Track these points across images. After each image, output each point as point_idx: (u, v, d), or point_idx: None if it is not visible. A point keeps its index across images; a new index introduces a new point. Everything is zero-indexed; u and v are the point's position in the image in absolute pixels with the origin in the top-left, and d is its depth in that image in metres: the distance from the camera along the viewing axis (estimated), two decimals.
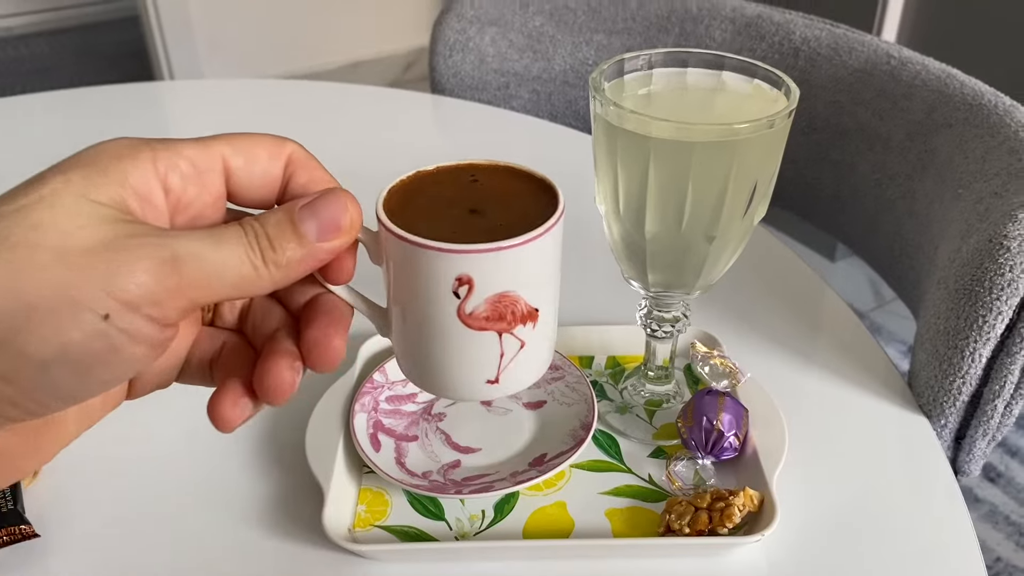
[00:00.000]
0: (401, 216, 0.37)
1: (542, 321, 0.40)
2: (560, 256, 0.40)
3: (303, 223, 0.32)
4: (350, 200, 0.34)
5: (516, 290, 0.38)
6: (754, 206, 0.49)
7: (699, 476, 0.54)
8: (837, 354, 0.66)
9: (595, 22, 1.00)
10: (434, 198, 0.39)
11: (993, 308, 0.55)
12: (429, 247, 0.36)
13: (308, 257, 0.32)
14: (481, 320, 0.38)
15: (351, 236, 0.34)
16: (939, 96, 0.77)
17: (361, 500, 0.54)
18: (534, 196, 0.39)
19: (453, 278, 0.37)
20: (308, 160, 0.36)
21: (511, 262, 0.37)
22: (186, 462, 0.57)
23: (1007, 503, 1.48)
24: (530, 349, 0.40)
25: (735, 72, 0.51)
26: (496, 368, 0.40)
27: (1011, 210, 0.56)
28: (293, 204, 0.33)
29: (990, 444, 0.61)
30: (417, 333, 0.40)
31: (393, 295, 0.40)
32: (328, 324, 0.36)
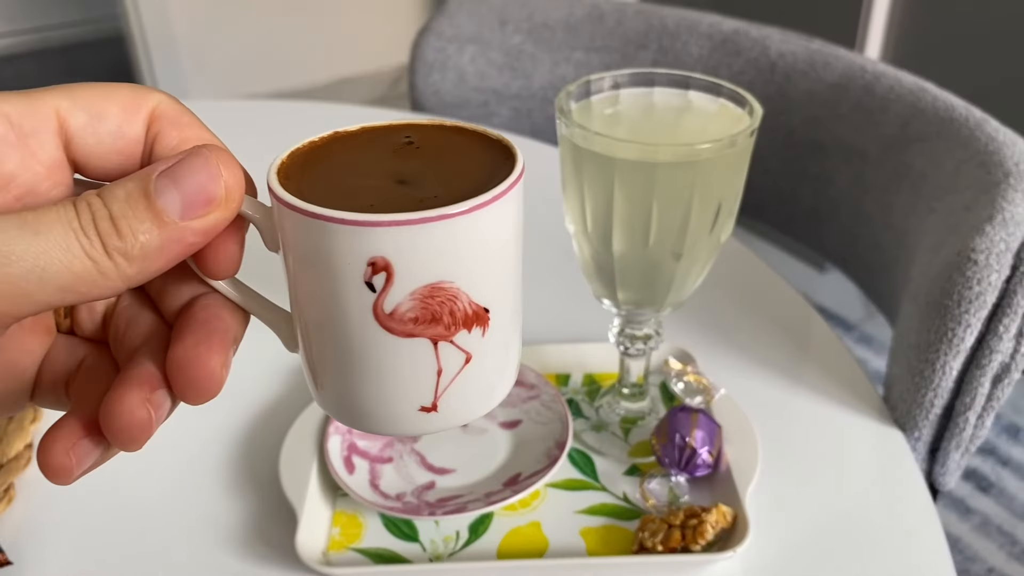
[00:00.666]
0: (302, 184, 0.29)
1: (496, 326, 0.30)
2: (520, 238, 0.31)
3: (161, 195, 0.24)
4: (224, 161, 0.26)
5: (455, 281, 0.28)
6: (720, 224, 0.49)
7: (673, 493, 0.54)
8: (812, 369, 0.66)
9: (574, 40, 1.01)
10: (351, 164, 0.31)
11: (962, 321, 0.55)
12: (329, 219, 0.27)
13: (170, 243, 0.25)
14: (407, 323, 0.29)
15: (229, 211, 0.26)
16: (913, 110, 0.78)
17: (335, 523, 0.53)
18: (485, 161, 0.30)
19: (364, 262, 0.27)
20: (181, 115, 0.28)
21: (445, 240, 0.27)
22: (158, 486, 0.57)
23: (999, 513, 1.49)
24: (480, 364, 0.31)
25: (701, 91, 0.51)
26: (432, 390, 0.30)
27: (979, 224, 0.57)
28: (148, 171, 0.25)
29: (964, 456, 0.61)
30: (323, 342, 0.30)
31: (292, 292, 0.31)
32: (204, 337, 0.27)
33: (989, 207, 0.58)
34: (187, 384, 0.27)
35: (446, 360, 0.30)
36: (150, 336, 0.29)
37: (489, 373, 0.31)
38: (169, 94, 0.28)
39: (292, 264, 0.29)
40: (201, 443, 0.59)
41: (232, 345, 0.28)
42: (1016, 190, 0.59)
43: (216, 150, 0.26)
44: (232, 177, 0.26)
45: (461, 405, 0.31)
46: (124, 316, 0.29)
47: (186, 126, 0.28)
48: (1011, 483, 1.53)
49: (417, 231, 0.27)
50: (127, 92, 0.27)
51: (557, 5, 1.02)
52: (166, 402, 0.27)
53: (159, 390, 0.27)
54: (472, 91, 1.04)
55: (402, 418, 0.31)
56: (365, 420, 0.32)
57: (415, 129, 0.32)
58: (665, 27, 0.97)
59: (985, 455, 1.56)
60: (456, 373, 0.30)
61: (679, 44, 0.97)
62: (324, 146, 0.31)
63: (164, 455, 0.58)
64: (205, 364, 0.27)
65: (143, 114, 0.27)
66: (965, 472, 1.53)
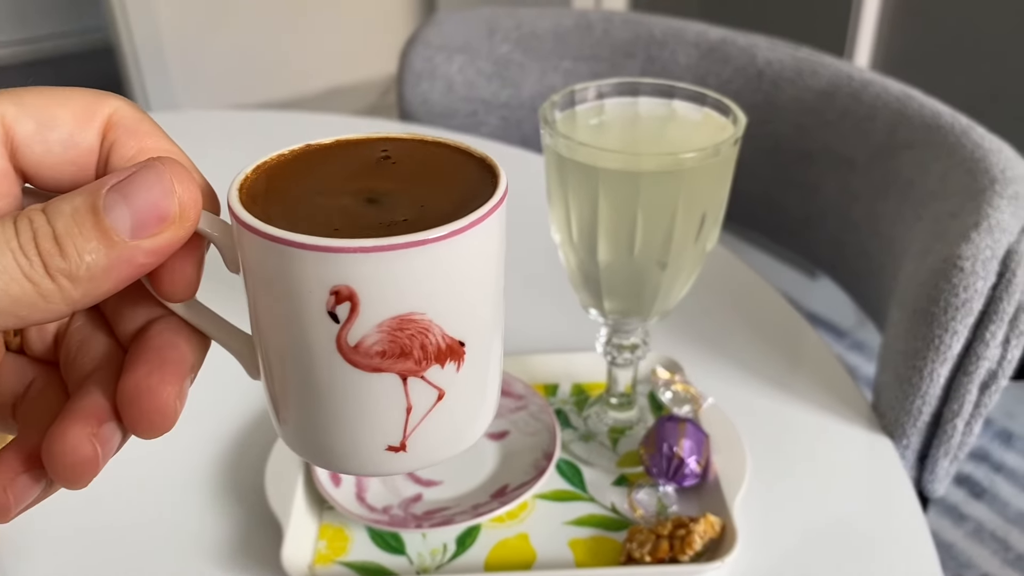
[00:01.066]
0: (266, 203, 0.27)
1: (472, 360, 0.28)
2: (500, 264, 0.29)
3: (111, 212, 0.23)
4: (179, 175, 0.24)
5: (426, 313, 0.26)
6: (705, 233, 0.49)
7: (661, 503, 0.54)
8: (800, 377, 0.66)
9: (562, 49, 1.01)
10: (321, 180, 0.28)
11: (949, 328, 0.55)
12: (289, 243, 0.25)
13: (119, 263, 0.23)
14: (374, 356, 0.27)
15: (183, 229, 0.24)
16: (899, 117, 0.78)
17: (322, 536, 0.53)
18: (465, 180, 0.28)
19: (326, 290, 0.25)
20: (139, 122, 0.26)
21: (415, 268, 0.25)
22: (143, 499, 0.56)
23: (992, 519, 1.48)
24: (454, 401, 0.29)
25: (685, 101, 0.51)
26: (401, 429, 0.28)
27: (965, 231, 0.57)
28: (97, 185, 0.23)
29: (953, 463, 0.61)
30: (284, 374, 0.28)
31: (253, 318, 0.29)
32: (157, 365, 0.25)
33: (975, 214, 0.58)
34: (138, 417, 0.25)
35: (416, 397, 0.28)
36: (102, 361, 0.27)
37: (464, 411, 0.29)
38: (128, 100, 0.26)
39: (252, 289, 0.28)
40: (186, 456, 0.59)
41: (189, 374, 0.27)
42: (1002, 197, 0.59)
43: (171, 163, 0.24)
44: (187, 193, 0.24)
45: (432, 445, 0.29)
46: (76, 338, 0.27)
47: (145, 135, 0.26)
48: (1004, 489, 1.53)
49: (384, 258, 0.25)
50: (81, 98, 0.25)
51: (545, 15, 1.02)
52: (115, 436, 0.25)
53: (107, 423, 0.25)
54: (461, 101, 1.04)
55: (367, 458, 0.29)
56: (328, 458, 0.30)
57: (393, 143, 0.30)
58: (652, 36, 0.98)
59: (978, 461, 1.57)
60: (427, 411, 0.28)
61: (667, 53, 0.97)
62: (293, 160, 0.29)
63: (149, 468, 0.58)
64: (157, 396, 0.25)
65: (98, 122, 0.26)
66: (958, 478, 1.53)
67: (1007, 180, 0.62)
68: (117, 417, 0.25)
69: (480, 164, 0.29)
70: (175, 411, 0.25)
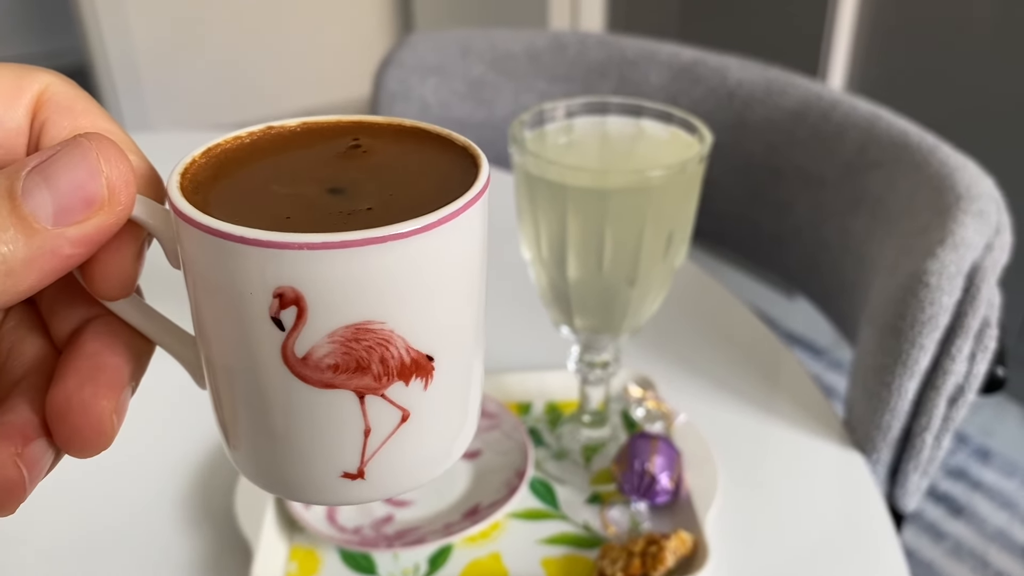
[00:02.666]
0: (210, 191, 0.24)
1: (443, 377, 0.25)
2: (480, 266, 0.25)
3: (30, 196, 0.20)
4: (108, 153, 0.21)
5: (387, 322, 0.23)
6: (673, 250, 0.49)
7: (634, 520, 0.54)
8: (772, 392, 0.66)
9: (536, 69, 1.02)
10: (279, 168, 0.25)
11: (916, 343, 0.55)
12: (226, 236, 0.21)
13: (41, 255, 0.20)
14: (325, 370, 0.23)
15: (114, 215, 0.21)
16: (868, 136, 0.79)
17: (293, 557, 0.53)
18: (442, 170, 0.25)
19: (270, 292, 0.22)
20: (74, 99, 0.23)
21: (372, 269, 0.22)
22: (110, 519, 0.56)
23: (970, 536, 1.49)
24: (420, 424, 0.25)
25: (653, 119, 0.52)
26: (358, 453, 0.25)
27: (931, 247, 0.58)
28: (16, 167, 0.20)
29: (923, 477, 0.61)
30: (229, 389, 0.25)
31: (195, 322, 0.25)
32: (90, 375, 0.23)
33: (940, 230, 0.59)
34: (70, 435, 0.22)
35: (376, 418, 0.24)
36: (33, 367, 0.23)
37: (433, 434, 0.26)
38: (62, 76, 0.23)
39: (192, 289, 0.24)
40: (155, 475, 0.58)
41: (127, 383, 0.24)
42: (967, 213, 0.60)
43: (99, 139, 0.21)
44: (117, 173, 0.21)
45: (395, 472, 0.26)
46: (8, 340, 0.24)
47: (81, 113, 0.23)
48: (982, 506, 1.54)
49: (336, 256, 0.21)
50: (6, 74, 0.22)
51: (519, 36, 1.03)
52: (44, 456, 0.22)
53: (35, 442, 0.22)
54: (435, 121, 1.04)
55: (321, 485, 0.25)
56: (280, 485, 0.26)
57: (366, 128, 0.27)
58: (625, 57, 0.98)
59: (956, 479, 1.57)
60: (389, 434, 0.25)
61: (639, 73, 0.98)
62: (251, 144, 0.26)
63: (117, 488, 0.57)
64: (90, 410, 0.22)
65: (26, 99, 0.23)
66: (936, 496, 1.54)
67: (972, 197, 0.62)
68: (47, 433, 0.22)
69: (462, 153, 0.26)
70: (111, 427, 0.22)
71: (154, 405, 0.50)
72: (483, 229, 0.25)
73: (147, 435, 0.60)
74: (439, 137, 0.27)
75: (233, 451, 0.27)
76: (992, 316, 0.57)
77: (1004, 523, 1.50)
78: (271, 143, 0.26)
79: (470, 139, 0.27)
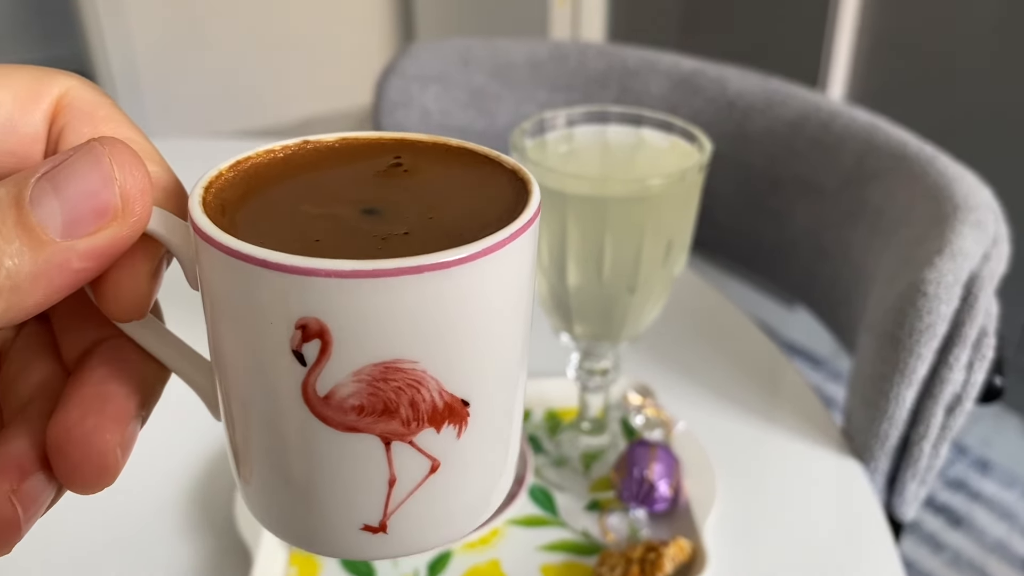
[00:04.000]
0: (236, 208, 0.22)
1: (479, 425, 0.23)
2: (527, 302, 0.23)
3: (39, 205, 0.18)
4: (122, 160, 0.19)
5: (419, 361, 0.21)
6: (672, 258, 0.50)
7: (632, 528, 0.54)
8: (771, 401, 0.66)
9: (536, 79, 1.02)
10: (313, 186, 0.23)
11: (914, 352, 0.56)
12: (247, 258, 0.20)
13: (50, 269, 0.19)
14: (348, 412, 0.21)
15: (127, 226, 0.20)
16: (867, 146, 0.79)
17: (292, 563, 0.53)
18: (489, 195, 0.23)
19: (292, 323, 0.20)
20: (96, 105, 0.22)
21: (407, 303, 0.20)
22: (110, 525, 0.56)
23: (969, 547, 1.49)
24: (451, 475, 0.23)
25: (653, 128, 0.52)
26: (381, 506, 0.23)
27: (929, 256, 0.58)
28: (26, 174, 0.19)
29: (921, 486, 0.61)
30: (245, 425, 0.23)
31: (211, 349, 0.23)
32: (96, 405, 0.21)
33: (938, 240, 0.59)
34: (71, 469, 0.20)
35: (402, 467, 0.22)
36: (40, 390, 0.22)
37: (465, 487, 0.23)
38: (84, 79, 0.22)
39: (209, 314, 0.22)
40: (155, 481, 0.59)
41: (136, 415, 0.22)
42: (964, 223, 0.61)
43: (113, 144, 0.19)
44: (132, 181, 0.19)
45: (421, 528, 0.23)
46: (17, 361, 0.23)
47: (102, 120, 0.22)
48: (981, 518, 1.54)
49: (366, 287, 0.19)
50: (24, 76, 0.21)
51: (520, 45, 1.04)
52: (44, 491, 0.21)
53: (33, 476, 0.20)
54: (436, 129, 1.05)
55: (338, 537, 0.23)
56: (293, 532, 0.24)
57: (408, 147, 0.25)
58: (626, 67, 0.99)
59: (955, 489, 1.57)
60: (416, 485, 0.22)
61: (639, 83, 0.98)
62: (284, 159, 0.24)
63: (117, 494, 0.57)
64: (94, 443, 0.20)
65: (44, 104, 0.21)
66: (936, 507, 1.54)
67: (970, 207, 0.63)
68: (47, 466, 0.20)
69: (511, 176, 0.24)
70: (115, 463, 0.20)
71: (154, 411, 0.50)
72: (532, 261, 0.22)
73: (147, 440, 0.60)
74: (486, 158, 0.25)
75: (245, 491, 0.25)
76: (990, 326, 0.57)
77: (1003, 534, 1.50)
78: (306, 159, 0.25)
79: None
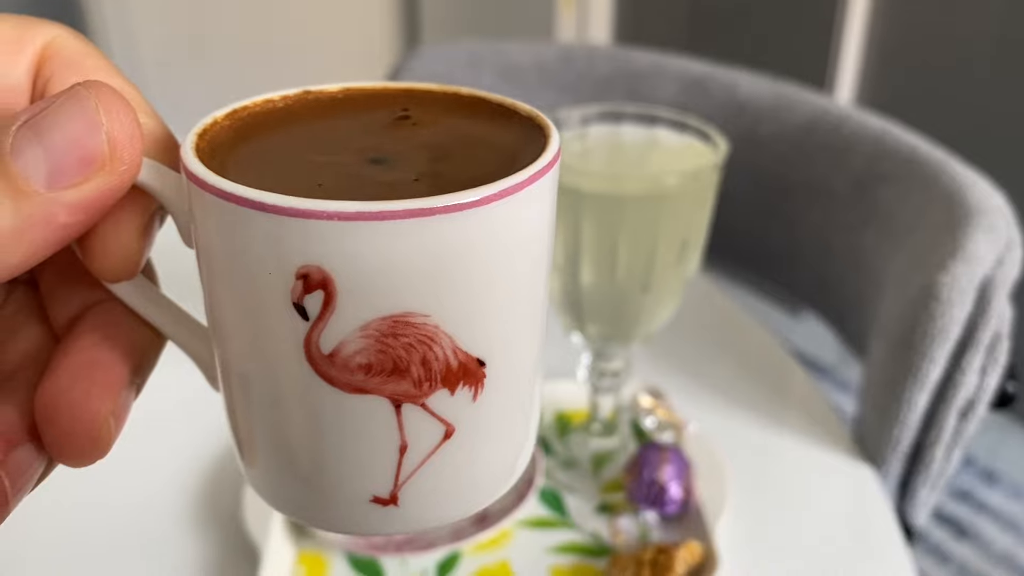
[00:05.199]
0: (230, 154, 0.21)
1: (496, 387, 0.21)
2: (546, 253, 0.22)
3: (21, 154, 0.17)
4: (109, 105, 0.18)
5: (431, 315, 0.19)
6: (686, 258, 0.49)
7: (643, 530, 0.54)
8: (782, 404, 0.66)
9: (544, 81, 1.02)
10: (315, 136, 0.22)
11: (927, 356, 0.55)
12: (242, 200, 0.18)
13: (34, 223, 0.17)
14: (355, 371, 0.19)
15: (116, 174, 0.18)
16: (878, 151, 0.79)
17: (300, 562, 0.52)
18: (504, 142, 0.21)
19: (292, 272, 0.18)
20: (84, 55, 0.20)
21: (419, 249, 0.18)
22: (117, 523, 0.56)
23: (975, 559, 1.48)
24: (466, 442, 0.21)
25: (668, 128, 0.52)
26: (391, 475, 0.21)
27: (942, 260, 0.58)
28: (6, 122, 0.18)
29: (932, 492, 0.61)
30: (244, 391, 0.21)
31: (208, 310, 0.22)
32: (85, 371, 0.20)
33: (951, 244, 0.59)
34: (60, 439, 0.19)
35: (413, 432, 0.20)
36: (28, 358, 0.21)
37: (481, 455, 0.22)
38: (71, 29, 0.21)
39: (205, 270, 0.21)
40: (163, 479, 0.58)
41: (128, 382, 0.20)
42: (977, 227, 0.60)
43: (100, 88, 0.18)
44: (120, 127, 0.18)
45: (434, 500, 0.22)
46: (4, 329, 0.21)
47: (91, 70, 0.20)
48: (987, 528, 1.53)
49: (372, 230, 0.17)
50: (4, 26, 0.20)
51: (527, 48, 1.03)
52: (32, 464, 0.19)
53: (20, 447, 0.19)
54: None
55: (347, 510, 0.22)
56: (299, 507, 0.22)
57: (418, 98, 0.23)
58: (634, 70, 0.99)
59: (961, 500, 1.57)
60: (429, 453, 0.21)
61: (648, 87, 0.98)
62: (284, 108, 0.23)
63: (124, 492, 0.57)
64: (83, 412, 0.19)
65: (28, 54, 0.20)
66: (942, 518, 1.54)
67: (982, 212, 0.62)
68: (36, 437, 0.19)
69: (526, 123, 0.22)
70: (108, 432, 0.19)
71: (161, 406, 0.50)
72: (551, 209, 0.21)
73: (154, 438, 0.60)
74: (500, 107, 0.23)
75: (247, 467, 0.23)
76: (1003, 329, 0.57)
77: (1009, 546, 1.50)
78: (307, 109, 0.23)
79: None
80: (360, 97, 0.23)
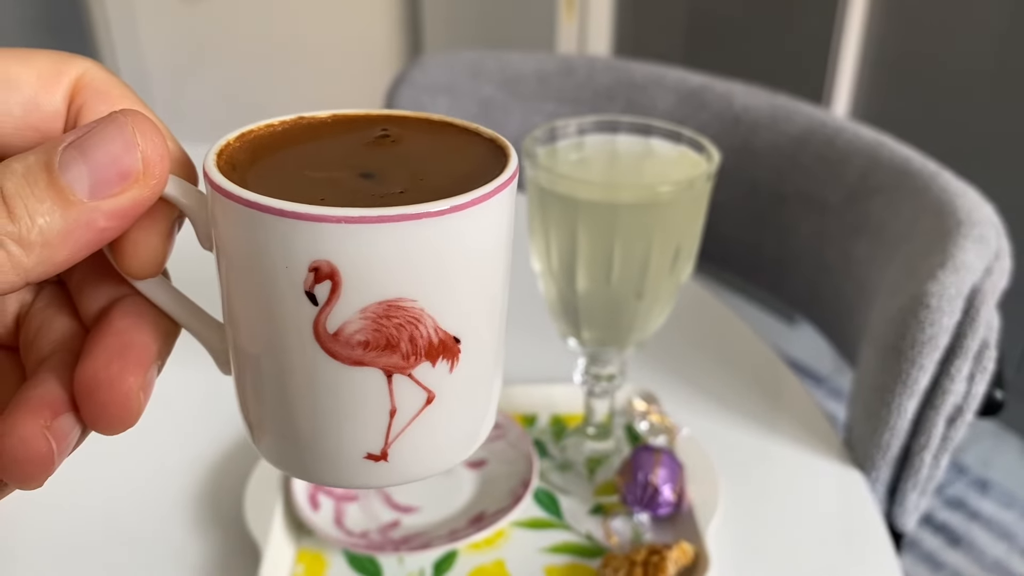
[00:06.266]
0: (245, 171, 0.24)
1: (468, 360, 0.25)
2: (506, 254, 0.26)
3: (67, 170, 0.21)
4: (143, 129, 0.22)
5: (418, 300, 0.23)
6: (679, 266, 0.51)
7: (636, 531, 0.55)
8: (773, 409, 0.67)
9: (545, 91, 1.03)
10: (311, 155, 0.26)
11: (916, 363, 0.56)
12: (267, 209, 0.22)
13: (77, 227, 0.21)
14: (355, 347, 0.24)
15: (148, 188, 0.22)
16: (871, 162, 0.80)
17: (300, 560, 0.53)
18: (471, 160, 0.26)
19: (305, 266, 0.23)
20: (111, 85, 0.24)
21: (408, 245, 0.23)
22: (122, 521, 0.57)
23: (968, 567, 1.49)
24: (444, 406, 0.26)
25: (662, 138, 0.53)
26: (382, 434, 0.25)
27: (932, 270, 0.59)
28: (54, 142, 0.21)
29: (921, 497, 0.62)
30: (256, 366, 0.25)
31: (224, 301, 0.26)
32: (118, 352, 0.23)
33: (941, 254, 0.60)
34: (98, 411, 0.22)
35: (401, 398, 0.25)
36: (61, 344, 0.24)
37: (455, 418, 0.26)
38: (98, 63, 0.24)
39: (224, 266, 0.25)
40: (164, 478, 0.59)
41: (154, 362, 0.24)
42: (967, 238, 0.61)
43: (134, 115, 0.22)
44: (152, 148, 0.22)
45: (418, 456, 0.26)
46: (38, 319, 0.25)
47: (117, 98, 0.24)
48: (980, 536, 1.54)
49: (372, 232, 0.22)
50: (46, 58, 0.23)
51: (528, 58, 1.05)
52: (72, 431, 0.22)
53: (63, 415, 0.22)
54: None
55: (344, 465, 0.26)
56: (300, 464, 0.26)
57: (394, 121, 0.27)
58: (633, 81, 1.00)
59: (954, 509, 1.58)
60: (413, 415, 0.25)
61: (646, 97, 0.99)
62: (283, 132, 0.27)
63: (127, 490, 0.58)
64: (118, 387, 0.22)
65: (64, 84, 0.23)
66: (935, 526, 1.54)
67: (973, 222, 0.64)
68: (75, 409, 0.22)
69: (489, 145, 0.27)
70: (139, 404, 0.23)
71: (164, 408, 0.51)
72: (511, 216, 0.25)
73: (158, 437, 0.61)
74: (466, 130, 0.27)
75: (255, 433, 0.27)
76: (991, 338, 0.58)
77: (1002, 554, 1.50)
78: (302, 132, 0.27)
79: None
80: (346, 121, 0.28)
